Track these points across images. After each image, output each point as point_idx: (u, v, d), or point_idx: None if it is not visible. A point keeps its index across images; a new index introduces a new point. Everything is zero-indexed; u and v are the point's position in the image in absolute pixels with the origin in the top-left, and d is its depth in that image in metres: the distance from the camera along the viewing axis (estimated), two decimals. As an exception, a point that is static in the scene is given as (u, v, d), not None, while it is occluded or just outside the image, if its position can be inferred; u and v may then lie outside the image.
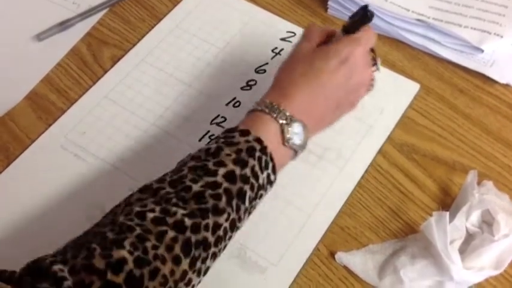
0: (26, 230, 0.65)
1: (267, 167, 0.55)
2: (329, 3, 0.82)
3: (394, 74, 0.76)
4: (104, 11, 0.84)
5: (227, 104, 0.74)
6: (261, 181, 0.55)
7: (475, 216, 0.62)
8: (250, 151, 0.54)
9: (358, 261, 0.62)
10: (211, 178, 0.52)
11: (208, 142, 0.57)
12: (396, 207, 0.66)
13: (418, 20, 0.78)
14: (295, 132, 0.58)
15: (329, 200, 0.66)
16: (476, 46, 0.75)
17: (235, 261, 0.62)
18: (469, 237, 0.62)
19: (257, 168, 0.54)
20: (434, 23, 0.77)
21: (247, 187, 0.53)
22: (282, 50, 0.78)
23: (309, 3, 0.83)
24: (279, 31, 0.80)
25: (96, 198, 0.67)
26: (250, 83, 0.76)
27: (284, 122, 0.57)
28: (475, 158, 0.69)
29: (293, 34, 0.80)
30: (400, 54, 0.78)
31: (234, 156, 0.54)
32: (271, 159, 0.56)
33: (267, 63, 0.77)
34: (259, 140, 0.55)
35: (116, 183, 0.68)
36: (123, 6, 0.84)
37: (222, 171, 0.53)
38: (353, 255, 0.63)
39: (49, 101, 0.75)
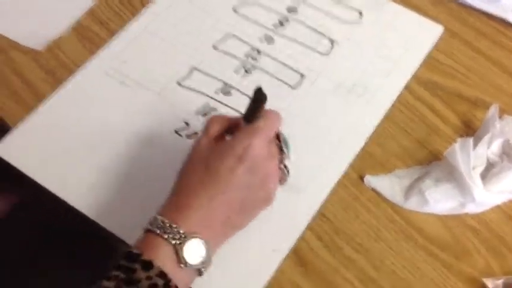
0: (72, 150, 0.69)
1: None
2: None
3: (418, 16, 0.80)
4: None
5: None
6: None
7: (496, 146, 0.66)
8: None
9: (386, 184, 0.66)
10: None
11: (110, 270, 0.51)
12: (421, 138, 0.70)
13: (445, -34, 0.81)
14: (191, 251, 0.52)
15: (358, 129, 0.70)
16: (499, -8, 0.79)
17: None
18: (490, 165, 0.65)
19: None
20: (460, -30, 0.81)
21: None
22: None
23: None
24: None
25: (140, 125, 0.70)
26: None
27: (177, 242, 0.52)
28: (496, 96, 0.73)
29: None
30: (425, -1, 0.82)
31: None
32: None
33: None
34: (162, 275, 0.50)
35: (158, 109, 0.72)
36: None
37: None
38: (380, 178, 0.67)
39: (93, 32, 0.79)
